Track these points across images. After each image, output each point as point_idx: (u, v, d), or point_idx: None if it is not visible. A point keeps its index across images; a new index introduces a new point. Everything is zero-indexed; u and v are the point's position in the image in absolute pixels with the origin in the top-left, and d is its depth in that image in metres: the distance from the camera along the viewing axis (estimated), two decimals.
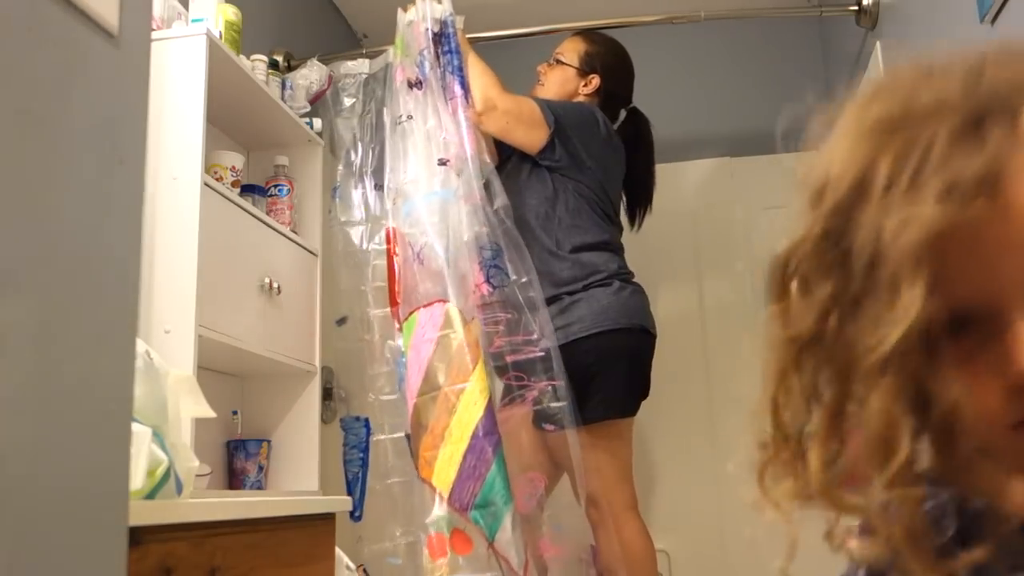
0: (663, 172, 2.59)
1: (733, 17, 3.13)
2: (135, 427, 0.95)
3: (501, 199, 2.12)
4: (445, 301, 2.05)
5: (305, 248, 2.26)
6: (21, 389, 0.53)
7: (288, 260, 2.15)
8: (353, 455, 2.41)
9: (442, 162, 2.15)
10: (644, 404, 2.24)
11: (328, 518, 1.41)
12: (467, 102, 2.18)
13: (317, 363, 2.24)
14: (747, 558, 2.88)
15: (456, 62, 2.20)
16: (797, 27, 3.25)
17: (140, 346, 1.04)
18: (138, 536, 0.86)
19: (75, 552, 0.58)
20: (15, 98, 0.54)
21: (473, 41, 2.39)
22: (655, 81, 2.61)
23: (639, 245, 2.41)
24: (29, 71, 0.55)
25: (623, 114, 2.50)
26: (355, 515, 2.38)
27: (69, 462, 0.57)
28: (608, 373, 2.10)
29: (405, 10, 2.33)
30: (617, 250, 2.28)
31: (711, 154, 3.15)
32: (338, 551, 1.46)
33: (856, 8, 2.40)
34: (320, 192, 2.39)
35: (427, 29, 2.24)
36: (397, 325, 2.19)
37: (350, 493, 2.38)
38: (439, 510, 1.98)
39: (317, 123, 2.39)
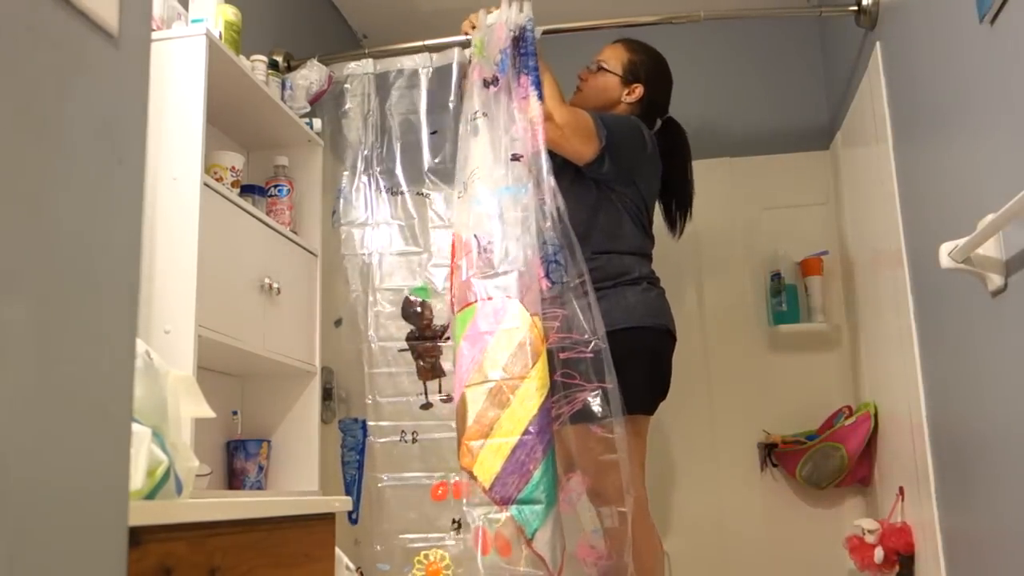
0: None
1: (733, 17, 3.13)
2: (135, 427, 0.95)
3: (559, 199, 2.13)
4: (510, 297, 2.06)
5: (305, 248, 2.26)
6: (21, 389, 0.53)
7: (288, 260, 2.15)
8: (351, 457, 2.41)
9: (515, 157, 2.17)
10: None
11: (328, 518, 1.41)
12: (538, 101, 2.19)
13: (317, 363, 2.24)
14: (747, 558, 2.89)
15: (531, 63, 2.24)
16: (797, 27, 3.26)
17: (140, 346, 1.04)
18: (138, 536, 0.86)
19: (75, 552, 0.58)
20: (15, 98, 0.54)
21: None
22: None
23: None
24: (29, 71, 0.55)
25: (658, 122, 2.51)
26: (352, 517, 2.38)
27: (69, 462, 0.57)
28: (632, 369, 2.10)
29: (488, 12, 2.35)
30: (648, 258, 2.32)
31: (711, 154, 3.15)
32: (338, 551, 1.46)
33: (856, 8, 2.40)
34: (320, 192, 2.39)
35: (509, 31, 2.27)
36: (450, 316, 2.23)
37: (348, 495, 2.38)
38: (484, 505, 1.98)
39: (317, 123, 2.39)
